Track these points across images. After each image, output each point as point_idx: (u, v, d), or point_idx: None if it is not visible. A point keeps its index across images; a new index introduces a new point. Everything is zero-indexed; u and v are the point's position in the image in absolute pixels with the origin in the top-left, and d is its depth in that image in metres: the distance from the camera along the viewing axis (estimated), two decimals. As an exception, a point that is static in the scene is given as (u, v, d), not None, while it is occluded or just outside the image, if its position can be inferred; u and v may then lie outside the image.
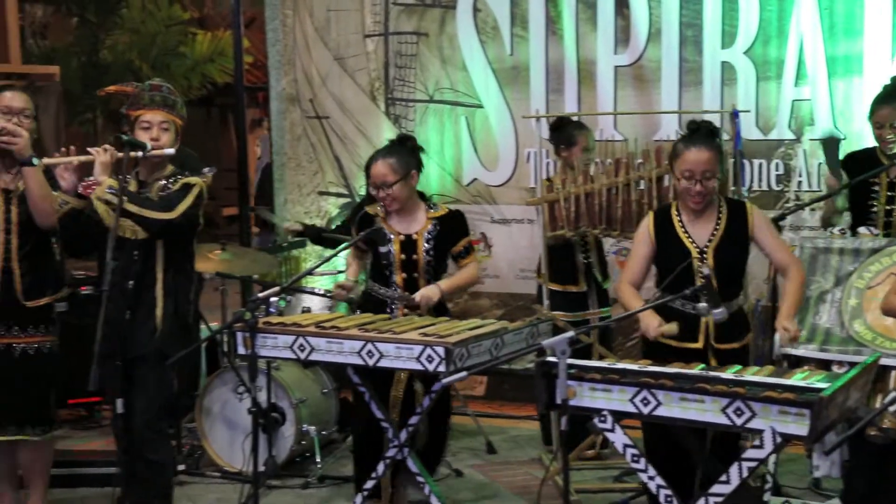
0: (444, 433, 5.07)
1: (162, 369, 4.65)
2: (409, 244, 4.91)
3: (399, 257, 4.90)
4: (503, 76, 6.99)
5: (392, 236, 4.92)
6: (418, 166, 4.94)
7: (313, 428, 5.80)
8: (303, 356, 4.58)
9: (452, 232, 4.94)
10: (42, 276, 4.86)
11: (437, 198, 5.40)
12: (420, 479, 4.74)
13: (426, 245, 4.89)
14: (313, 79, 7.43)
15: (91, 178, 4.60)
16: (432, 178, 7.05)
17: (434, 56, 7.14)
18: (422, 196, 5.02)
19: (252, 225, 8.10)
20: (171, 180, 4.71)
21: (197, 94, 11.24)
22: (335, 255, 5.57)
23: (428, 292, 4.82)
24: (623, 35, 6.70)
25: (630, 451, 3.88)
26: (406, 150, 4.91)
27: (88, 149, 4.62)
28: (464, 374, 3.90)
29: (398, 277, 4.92)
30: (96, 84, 10.41)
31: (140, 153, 4.60)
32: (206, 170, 4.77)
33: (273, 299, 5.62)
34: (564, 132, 5.82)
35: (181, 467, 5.61)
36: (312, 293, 6.03)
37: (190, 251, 4.80)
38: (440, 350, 4.26)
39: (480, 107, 7.06)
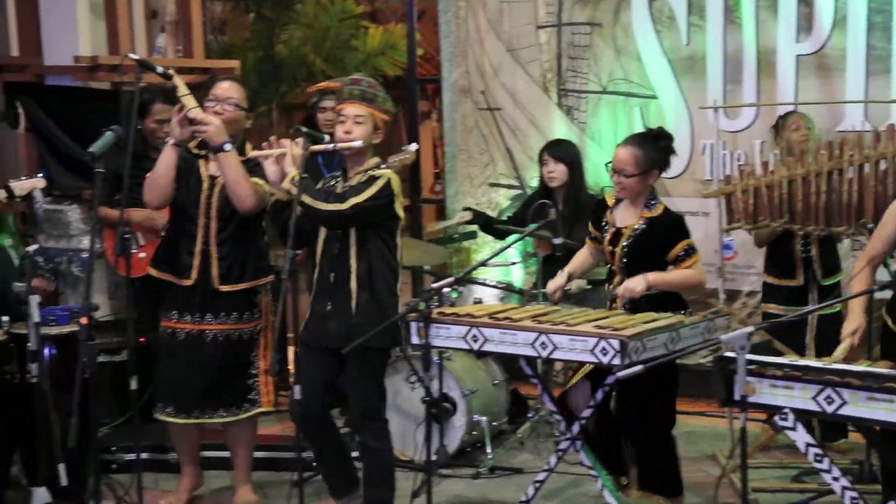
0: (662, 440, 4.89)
1: (366, 359, 4.73)
2: (616, 237, 4.85)
3: (607, 248, 4.87)
4: (679, 66, 6.87)
5: (608, 227, 4.86)
6: (662, 165, 4.82)
7: (484, 418, 5.82)
8: (476, 347, 4.60)
9: (661, 235, 4.76)
10: (241, 261, 4.99)
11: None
12: (593, 472, 4.71)
13: (626, 241, 4.81)
14: (485, 70, 7.44)
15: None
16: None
17: (608, 46, 7.06)
18: (650, 195, 4.85)
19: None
20: (367, 173, 4.76)
21: (373, 87, 11.41)
22: (508, 247, 5.57)
23: (630, 283, 4.69)
24: (805, 22, 6.50)
25: (813, 450, 3.77)
26: (657, 147, 4.79)
27: (282, 140, 4.73)
28: (639, 367, 3.86)
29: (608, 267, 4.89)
30: (272, 78, 10.65)
31: (330, 146, 4.69)
32: (409, 146, 4.81)
33: (446, 290, 5.65)
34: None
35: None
36: (485, 284, 6.04)
37: (391, 243, 4.81)
38: (615, 343, 4.22)
39: (655, 98, 6.95)
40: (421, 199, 7.95)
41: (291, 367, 5.36)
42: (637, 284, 4.67)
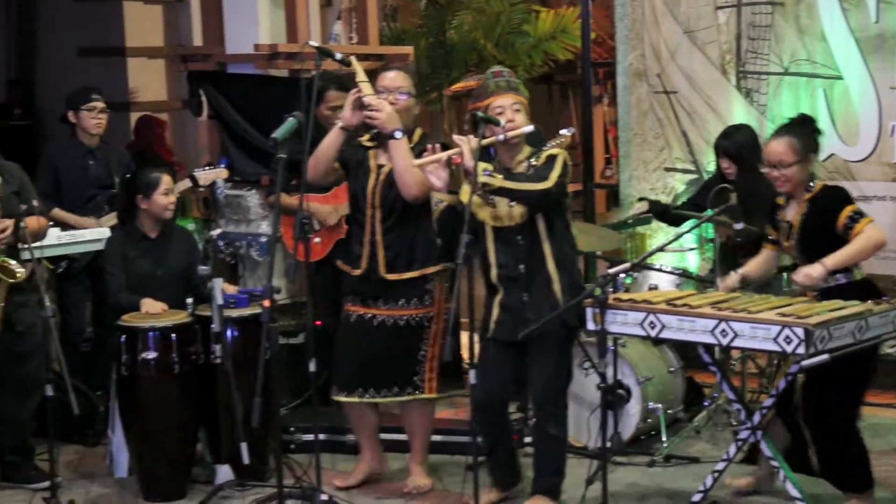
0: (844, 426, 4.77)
1: (563, 347, 4.72)
2: (790, 230, 4.73)
3: (787, 245, 4.76)
4: (866, 45, 6.59)
5: (783, 224, 4.75)
6: (816, 149, 4.73)
7: (660, 406, 5.73)
8: (653, 333, 4.55)
9: (824, 210, 4.64)
10: (408, 250, 5.03)
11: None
12: (774, 463, 4.58)
13: (796, 231, 4.68)
14: (661, 53, 7.30)
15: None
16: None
17: (790, 26, 6.84)
18: (809, 181, 4.74)
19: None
20: (531, 159, 4.75)
21: (539, 72, 11.34)
22: (686, 232, 5.46)
23: (807, 269, 4.55)
24: None
25: None
26: (807, 132, 4.70)
27: (455, 137, 4.74)
28: (825, 357, 3.75)
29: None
30: (443, 64, 10.70)
31: (500, 136, 4.68)
32: (564, 131, 4.79)
33: (620, 276, 5.58)
34: None
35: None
36: (661, 270, 5.95)
37: (567, 221, 4.85)
38: (799, 331, 4.10)
39: (840, 78, 6.70)
40: (594, 183, 7.86)
41: (465, 353, 5.37)
42: (814, 269, 4.53)
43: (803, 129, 4.70)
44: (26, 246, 4.89)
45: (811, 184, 4.71)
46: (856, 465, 4.64)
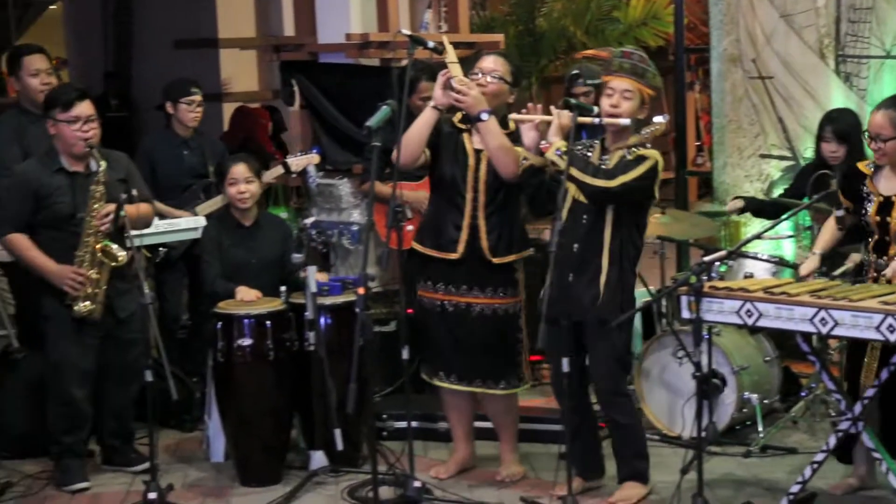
0: None
1: (608, 333, 4.70)
2: (885, 206, 4.62)
3: (874, 219, 4.64)
4: (972, 26, 6.43)
5: (872, 197, 4.65)
6: None
7: (755, 396, 5.65)
8: (750, 322, 4.48)
9: None
10: (508, 233, 5.03)
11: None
12: (877, 455, 4.49)
13: None
14: (757, 38, 7.17)
15: (546, 142, 4.72)
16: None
17: (892, 8, 6.67)
18: None
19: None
20: (629, 150, 4.70)
21: (634, 58, 11.27)
22: (784, 219, 5.37)
23: None
24: None
25: None
26: None
27: (551, 107, 4.72)
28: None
29: (871, 241, 4.67)
30: (531, 51, 10.66)
31: (595, 120, 4.64)
32: (658, 118, 4.73)
33: (715, 264, 5.52)
34: None
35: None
36: (756, 258, 5.86)
37: (641, 222, 4.79)
38: (904, 320, 4.00)
39: (945, 60, 6.55)
40: (686, 171, 7.77)
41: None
42: (813, 262, 4.48)
43: None
44: (127, 234, 4.98)
45: None
46: None
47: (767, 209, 6.17)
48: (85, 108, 5.13)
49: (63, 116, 5.10)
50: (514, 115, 4.84)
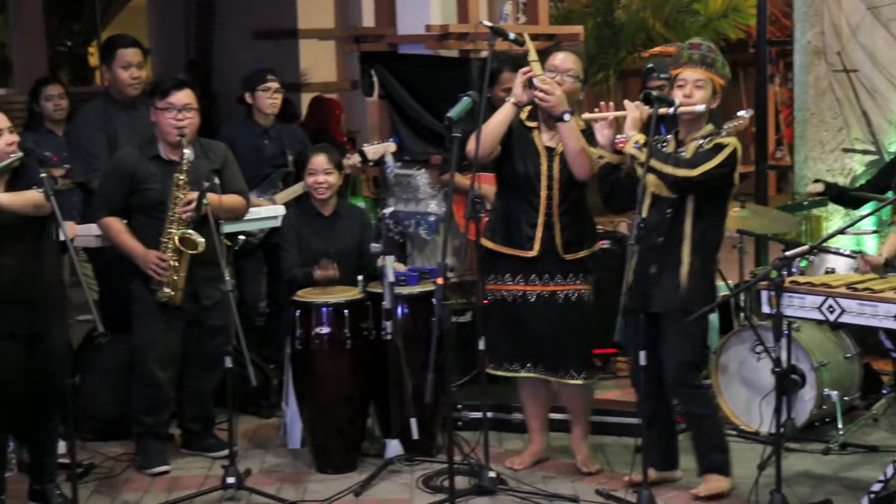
0: None
1: (689, 327, 4.68)
2: None
3: None
4: None
5: None
6: None
7: (835, 393, 5.58)
8: (832, 318, 4.45)
9: None
10: (580, 230, 5.04)
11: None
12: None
13: None
14: (842, 30, 7.07)
15: (622, 136, 4.71)
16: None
17: (980, 0, 6.56)
18: None
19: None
20: (706, 139, 4.70)
21: (710, 51, 11.17)
22: (868, 215, 5.29)
23: None
24: None
25: None
26: None
27: (626, 102, 4.72)
28: None
29: None
30: (610, 44, 10.61)
31: (670, 110, 4.63)
32: (742, 112, 4.72)
33: (795, 259, 5.45)
34: None
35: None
36: (838, 253, 5.78)
37: (722, 210, 4.78)
38: None
39: None
40: (767, 165, 7.69)
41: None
42: (879, 257, 4.42)
43: None
44: (209, 222, 5.04)
45: None
46: None
47: (847, 198, 6.09)
48: (181, 96, 5.22)
49: (159, 104, 5.22)
50: (586, 115, 4.85)
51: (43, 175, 4.44)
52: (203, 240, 5.17)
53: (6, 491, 4.80)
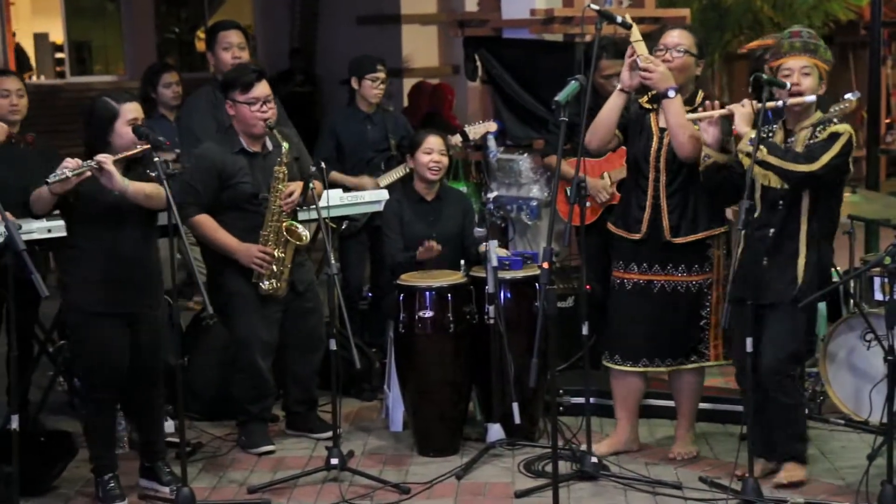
0: None
1: (797, 318, 4.61)
2: None
3: None
4: None
5: None
6: None
7: (949, 383, 5.43)
8: (947, 306, 4.31)
9: None
10: (692, 212, 4.97)
11: None
12: None
13: None
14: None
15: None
16: None
17: None
18: None
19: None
20: (818, 128, 4.61)
21: (818, 33, 10.94)
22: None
23: None
24: None
25: None
26: None
27: (732, 106, 4.65)
28: None
29: None
30: (716, 26, 10.44)
31: (779, 103, 4.56)
32: (849, 95, 4.62)
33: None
34: None
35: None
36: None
37: (838, 199, 4.70)
38: None
39: None
40: (879, 149, 7.51)
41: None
42: None
43: None
44: (313, 207, 5.10)
45: None
46: None
47: None
48: (263, 88, 5.25)
49: (242, 98, 5.23)
50: (690, 115, 4.80)
51: (156, 159, 4.52)
52: (307, 231, 5.23)
53: (118, 467, 4.91)
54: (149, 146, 4.56)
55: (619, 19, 4.95)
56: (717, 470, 4.99)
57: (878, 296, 4.48)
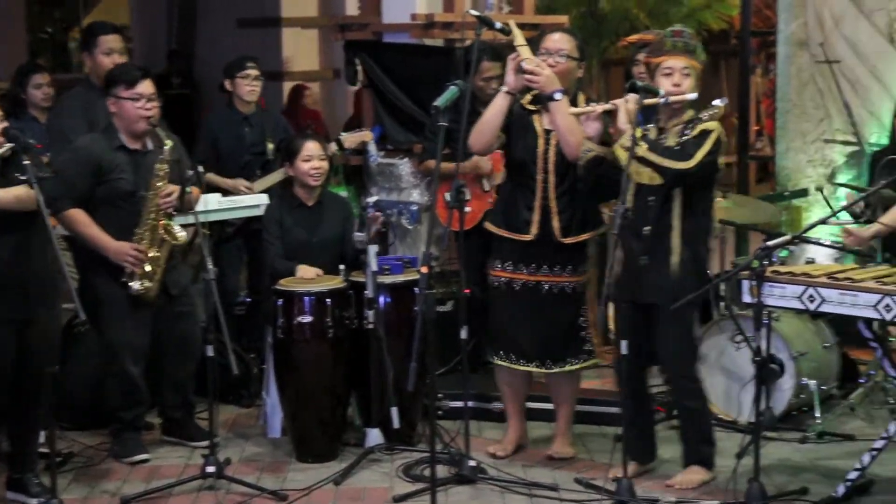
0: None
1: (685, 317, 4.69)
2: None
3: None
4: None
5: None
6: None
7: (813, 382, 5.60)
8: (812, 307, 4.47)
9: None
10: (581, 213, 5.03)
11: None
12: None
13: None
14: (825, 21, 7.09)
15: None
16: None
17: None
18: None
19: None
20: (688, 125, 4.71)
21: (692, 42, 11.19)
22: (849, 206, 5.32)
23: (860, 230, 4.56)
24: None
25: None
26: None
27: (616, 101, 4.72)
28: None
29: None
30: (593, 34, 10.59)
31: (661, 100, 4.64)
32: (718, 101, 4.73)
33: (775, 249, 5.47)
34: None
35: (674, 412, 5.62)
36: (819, 244, 5.79)
37: (710, 197, 4.80)
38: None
39: None
40: (748, 155, 7.71)
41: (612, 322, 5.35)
42: (866, 230, 4.57)
43: None
44: (187, 212, 5.03)
45: None
46: None
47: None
48: (147, 86, 5.18)
49: (126, 94, 5.15)
50: (573, 109, 4.85)
51: (26, 163, 4.41)
52: (184, 232, 5.16)
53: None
54: (12, 145, 4.46)
55: (498, 25, 4.99)
56: (593, 471, 5.05)
57: (747, 298, 4.58)
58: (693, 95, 4.65)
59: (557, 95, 4.86)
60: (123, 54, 5.87)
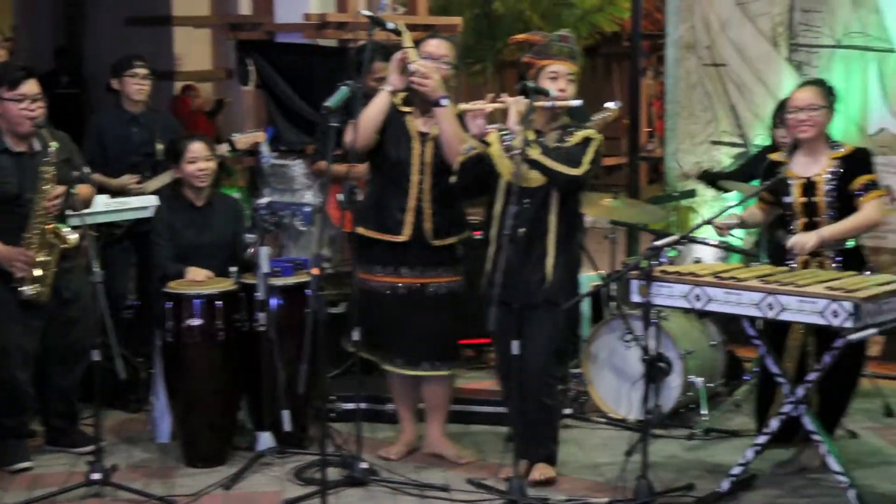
0: (848, 393, 4.85)
1: (552, 317, 4.73)
2: (809, 187, 4.74)
3: (799, 201, 4.75)
4: (922, 18, 6.50)
5: (792, 181, 4.76)
6: (832, 109, 4.80)
7: (700, 380, 5.71)
8: (698, 306, 4.54)
9: (854, 171, 4.71)
10: (449, 216, 5.05)
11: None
12: (816, 437, 4.56)
13: (827, 187, 4.71)
14: (712, 25, 7.21)
15: (492, 126, 4.73)
16: (836, 127, 6.65)
17: (844, -1, 6.76)
18: (827, 139, 4.83)
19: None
20: (567, 130, 4.76)
21: (584, 44, 11.31)
22: (734, 206, 5.41)
23: (802, 238, 4.66)
24: None
25: None
26: (826, 90, 4.81)
27: (505, 97, 4.74)
28: (873, 331, 3.73)
29: (799, 223, 4.76)
30: (487, 35, 10.68)
31: (548, 104, 4.67)
32: (610, 104, 4.80)
33: (664, 249, 5.55)
34: None
35: (567, 411, 5.68)
36: (705, 243, 5.89)
37: (580, 200, 4.89)
38: (847, 305, 4.07)
39: (893, 51, 6.61)
40: (638, 156, 7.82)
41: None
42: (808, 240, 4.65)
43: (822, 87, 4.83)
44: (77, 213, 4.92)
45: (836, 144, 4.81)
46: None
47: (718, 182, 6.34)
48: (32, 86, 5.05)
49: (9, 95, 5.01)
50: (463, 105, 4.86)
51: None
52: (75, 235, 5.05)
53: None
54: None
55: (391, 26, 4.98)
56: (485, 472, 5.07)
57: (636, 298, 4.64)
58: (579, 102, 4.71)
59: (444, 101, 4.87)
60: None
